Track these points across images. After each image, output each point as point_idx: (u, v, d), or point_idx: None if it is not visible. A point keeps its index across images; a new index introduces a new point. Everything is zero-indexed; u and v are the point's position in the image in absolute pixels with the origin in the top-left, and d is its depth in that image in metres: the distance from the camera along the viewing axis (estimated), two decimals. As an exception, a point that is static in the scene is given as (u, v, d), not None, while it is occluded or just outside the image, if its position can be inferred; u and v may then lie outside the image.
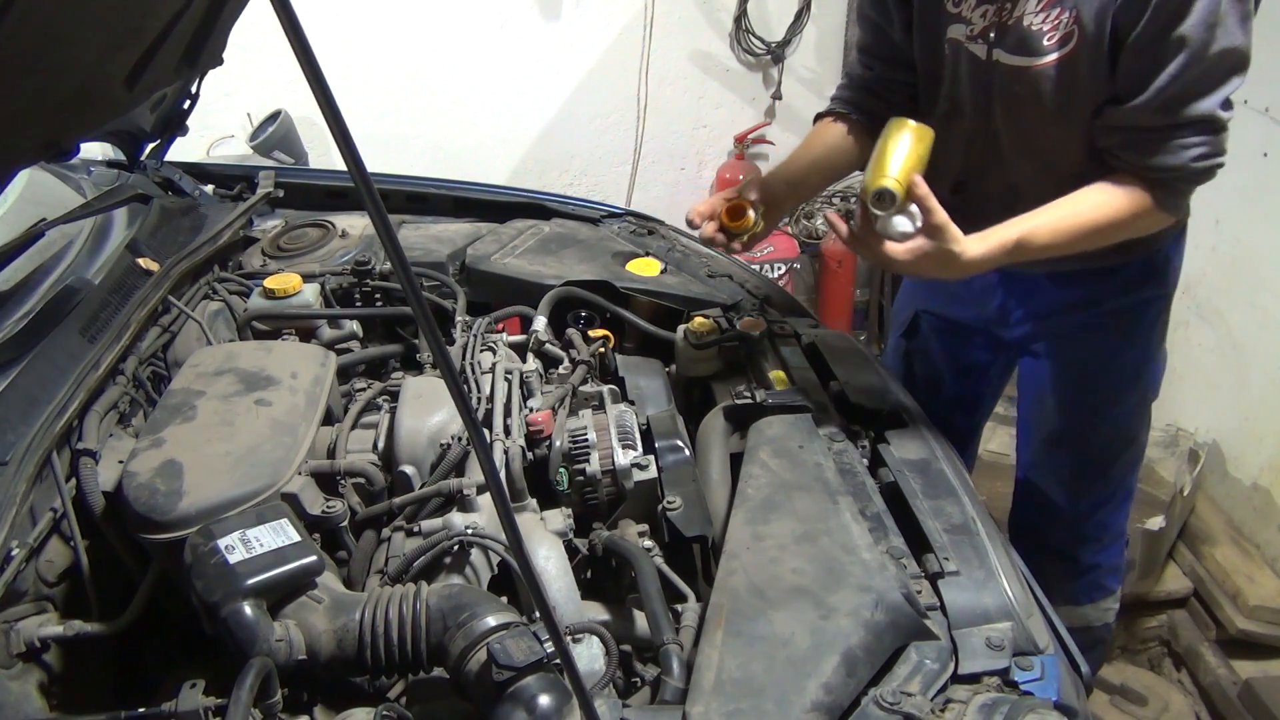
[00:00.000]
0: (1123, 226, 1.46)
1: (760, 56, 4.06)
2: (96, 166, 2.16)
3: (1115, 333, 1.73)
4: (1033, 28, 1.42)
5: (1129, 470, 1.89)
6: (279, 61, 3.27)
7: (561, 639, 0.85)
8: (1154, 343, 1.77)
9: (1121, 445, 1.85)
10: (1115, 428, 1.82)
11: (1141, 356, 1.76)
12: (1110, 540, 1.94)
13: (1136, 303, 1.71)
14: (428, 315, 0.71)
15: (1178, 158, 1.39)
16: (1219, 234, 2.84)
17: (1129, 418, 1.82)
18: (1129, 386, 1.78)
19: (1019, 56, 1.45)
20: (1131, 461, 1.89)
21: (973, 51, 1.52)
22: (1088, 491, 1.88)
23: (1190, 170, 1.40)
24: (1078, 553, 1.93)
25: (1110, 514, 1.91)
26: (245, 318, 1.80)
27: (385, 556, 1.30)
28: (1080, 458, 1.86)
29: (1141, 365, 1.77)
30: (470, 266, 2.05)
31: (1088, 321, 1.73)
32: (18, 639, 1.14)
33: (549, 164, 4.04)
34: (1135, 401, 1.80)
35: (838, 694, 1.00)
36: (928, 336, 2.02)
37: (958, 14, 1.52)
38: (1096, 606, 1.99)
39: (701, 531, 1.33)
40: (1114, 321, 1.72)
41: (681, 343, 1.75)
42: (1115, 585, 2.01)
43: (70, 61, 1.19)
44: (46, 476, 1.26)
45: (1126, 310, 1.71)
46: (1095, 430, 1.82)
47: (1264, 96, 2.60)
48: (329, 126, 0.61)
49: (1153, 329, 1.76)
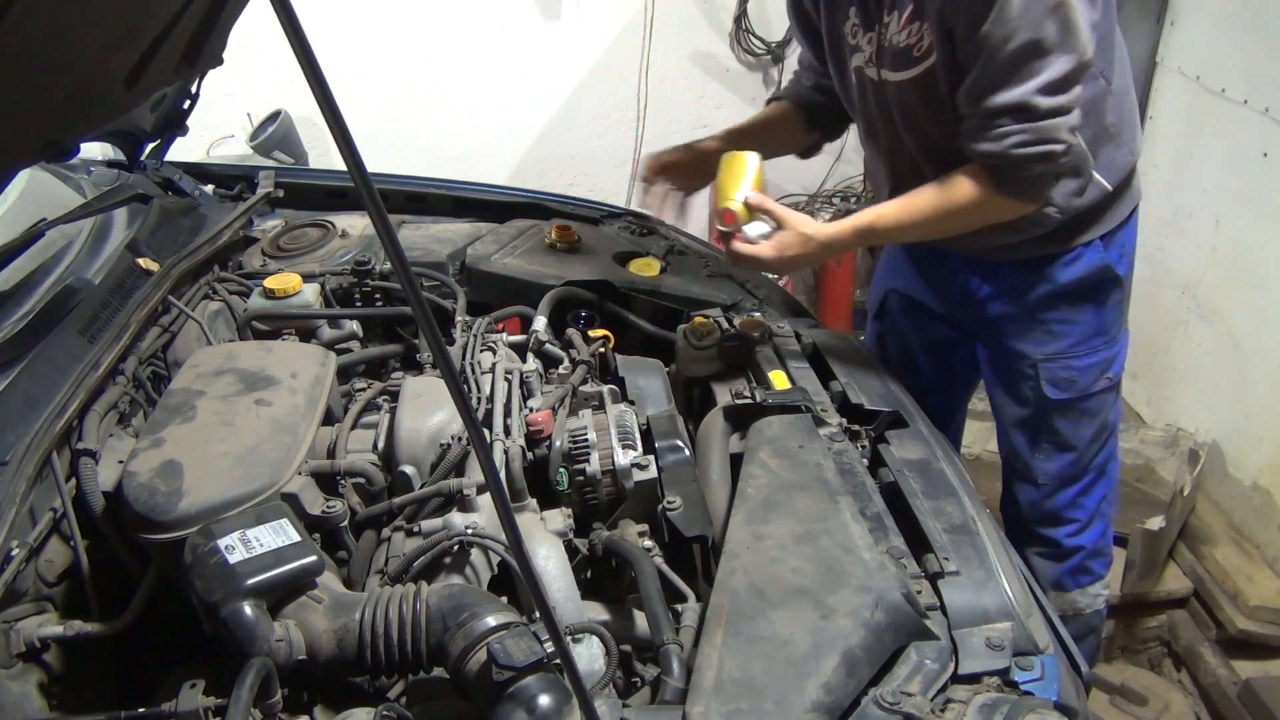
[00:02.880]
0: (969, 210, 1.58)
1: (760, 56, 4.06)
2: (96, 166, 2.15)
3: (1070, 315, 1.79)
4: (901, 44, 1.57)
5: (1100, 451, 1.92)
6: (279, 61, 3.26)
7: (561, 639, 0.86)
8: (1111, 324, 1.82)
9: (1086, 425, 1.88)
10: (1080, 409, 1.86)
11: (1099, 339, 1.81)
12: (1090, 523, 1.96)
13: (1089, 285, 1.77)
14: (428, 315, 0.71)
15: (998, 144, 1.49)
16: (1219, 234, 2.84)
17: (1093, 399, 1.86)
18: (1091, 369, 1.82)
19: (898, 71, 1.60)
20: (1102, 442, 1.91)
21: (869, 74, 1.67)
22: (1058, 473, 1.92)
23: (1012, 156, 1.49)
24: (1056, 536, 1.96)
25: (1085, 496, 1.94)
26: (245, 318, 1.80)
27: (385, 556, 1.30)
28: (1046, 439, 1.90)
29: (1099, 346, 1.81)
30: (470, 266, 2.05)
31: (1042, 304, 1.79)
32: (18, 639, 1.14)
33: (549, 164, 4.03)
34: (1093, 380, 1.83)
35: (838, 694, 1.00)
36: (897, 316, 2.09)
37: (855, 45, 1.68)
38: (1085, 592, 2.02)
39: (701, 531, 1.33)
40: (1068, 305, 1.78)
41: (681, 343, 1.75)
42: (1103, 570, 2.04)
43: (70, 61, 1.19)
44: (46, 476, 1.26)
45: (1080, 293, 1.77)
46: (1060, 413, 1.86)
47: (1264, 96, 2.60)
48: (329, 126, 0.61)
49: (1108, 311, 1.80)
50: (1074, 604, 2.00)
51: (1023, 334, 1.82)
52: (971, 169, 1.57)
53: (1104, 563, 2.03)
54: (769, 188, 1.68)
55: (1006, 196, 1.56)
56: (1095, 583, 2.02)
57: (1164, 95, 3.10)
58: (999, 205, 1.58)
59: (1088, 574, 2.00)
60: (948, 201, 1.58)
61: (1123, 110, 1.68)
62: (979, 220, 1.61)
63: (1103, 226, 1.73)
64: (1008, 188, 1.55)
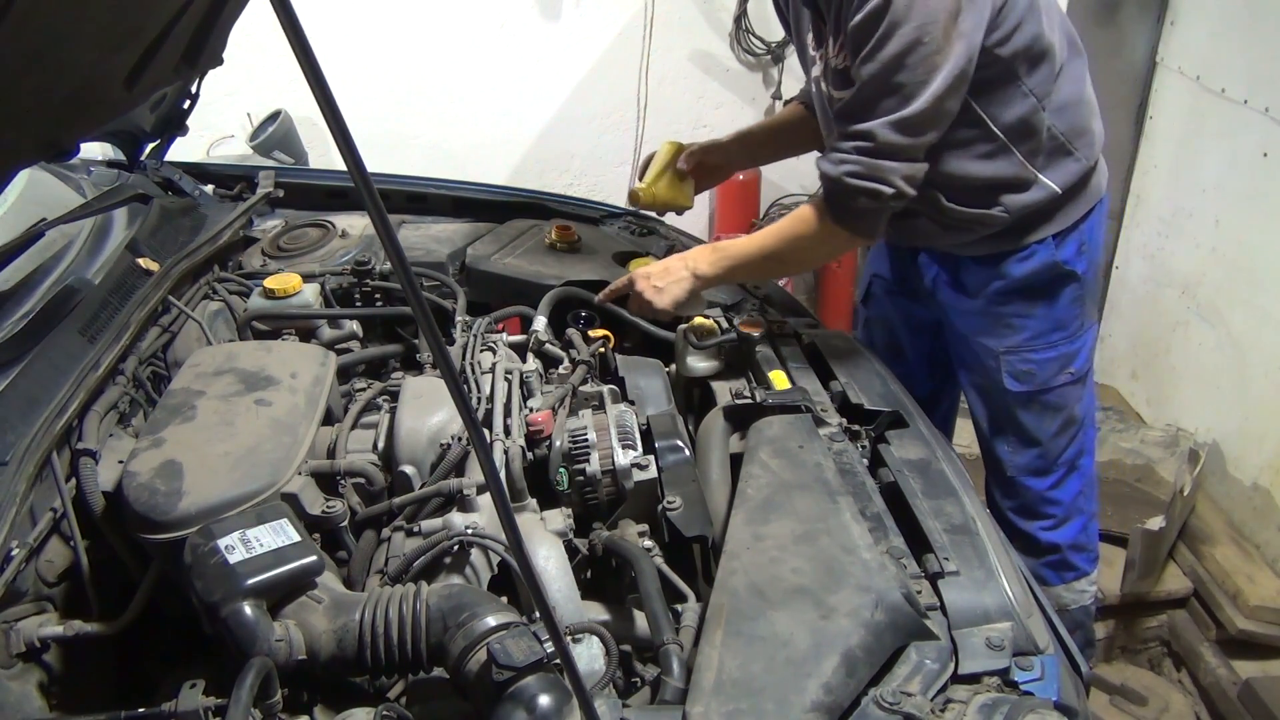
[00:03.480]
0: (804, 236, 1.67)
1: (760, 56, 4.06)
2: (96, 166, 2.16)
3: (1026, 310, 1.82)
4: (838, 66, 1.63)
5: (1069, 446, 1.93)
6: (279, 61, 3.27)
7: (561, 639, 0.86)
8: (1069, 320, 1.84)
9: (1050, 419, 1.89)
10: (1042, 403, 1.88)
11: (1058, 334, 1.83)
12: (1066, 520, 1.98)
13: (1042, 282, 1.80)
14: (428, 315, 0.71)
15: (835, 168, 1.58)
16: (1219, 234, 2.84)
17: (1054, 393, 1.87)
18: (1050, 363, 1.85)
19: (839, 90, 1.65)
20: (1069, 438, 1.93)
21: (822, 87, 1.73)
22: (1025, 466, 1.95)
23: (843, 184, 1.57)
24: (1031, 530, 1.98)
25: (1056, 490, 1.96)
26: (245, 318, 1.80)
27: (385, 556, 1.30)
28: (1011, 432, 1.93)
29: (1058, 341, 1.84)
30: (470, 266, 2.05)
31: (1000, 299, 1.83)
32: (18, 639, 1.14)
33: (549, 164, 4.04)
34: (1053, 374, 1.85)
35: (838, 694, 1.00)
36: (881, 300, 2.14)
37: (813, 57, 1.75)
38: (1070, 588, 2.03)
39: (701, 531, 1.33)
40: (1023, 300, 1.82)
41: (681, 343, 1.75)
42: (1088, 567, 2.05)
43: (70, 61, 1.19)
44: (46, 476, 1.26)
45: (1034, 289, 1.81)
46: (1023, 406, 1.89)
47: (1264, 96, 2.60)
48: (329, 126, 0.61)
49: (1064, 307, 1.82)
50: (1058, 599, 2.02)
51: (985, 327, 1.87)
52: (817, 200, 1.65)
53: (1088, 558, 2.05)
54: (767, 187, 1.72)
55: (838, 224, 1.63)
56: (1080, 579, 2.04)
57: (1164, 95, 3.10)
58: (829, 231, 1.65)
59: (1071, 570, 2.02)
60: (789, 224, 1.68)
61: (1074, 120, 1.72)
62: (817, 246, 1.70)
63: (1054, 226, 1.76)
64: (837, 214, 1.62)
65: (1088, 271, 1.82)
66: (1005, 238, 1.77)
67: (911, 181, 1.57)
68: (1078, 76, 1.72)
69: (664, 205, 2.06)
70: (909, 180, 1.57)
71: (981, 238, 1.77)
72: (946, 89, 1.50)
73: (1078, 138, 1.72)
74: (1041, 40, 1.61)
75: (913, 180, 1.57)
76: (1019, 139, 1.67)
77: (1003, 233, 1.76)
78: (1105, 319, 3.48)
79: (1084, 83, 1.75)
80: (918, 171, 1.57)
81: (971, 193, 1.71)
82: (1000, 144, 1.67)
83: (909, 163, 1.55)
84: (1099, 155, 1.79)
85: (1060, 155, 1.71)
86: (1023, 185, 1.71)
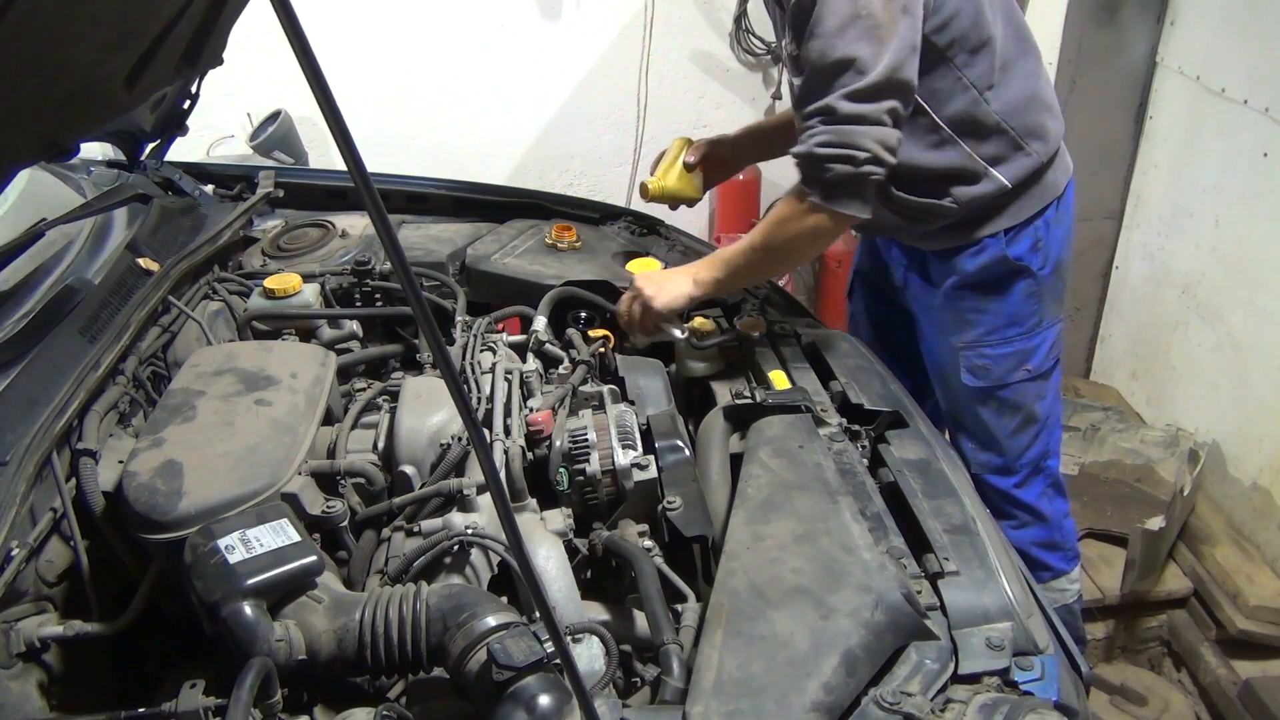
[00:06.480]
0: (789, 220, 1.64)
1: (760, 56, 4.06)
2: (96, 166, 2.15)
3: (979, 305, 1.84)
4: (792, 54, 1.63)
5: (1031, 447, 1.93)
6: (279, 61, 3.27)
7: (561, 639, 0.85)
8: (1025, 316, 1.84)
9: (1008, 417, 1.89)
10: (999, 400, 1.88)
11: (1013, 329, 1.84)
12: (1033, 521, 1.98)
13: (993, 277, 1.81)
14: (428, 315, 0.71)
15: (805, 145, 1.58)
16: (1219, 234, 2.84)
17: (1011, 389, 1.87)
18: (1005, 358, 1.85)
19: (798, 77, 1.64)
20: (1031, 437, 1.92)
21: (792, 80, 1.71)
22: (987, 463, 1.95)
23: (815, 155, 1.55)
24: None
25: (1020, 491, 1.96)
26: (245, 318, 1.80)
27: (385, 556, 1.30)
28: (972, 428, 1.94)
29: (1013, 337, 1.84)
30: (470, 266, 2.05)
31: (957, 293, 1.84)
32: (18, 639, 1.14)
33: (549, 164, 4.03)
34: (1008, 370, 1.85)
35: (838, 694, 1.00)
36: (865, 294, 2.18)
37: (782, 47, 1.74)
38: (1048, 588, 2.04)
39: (701, 531, 1.33)
40: (975, 294, 1.83)
41: (682, 343, 1.75)
42: (1065, 566, 2.05)
43: (70, 61, 1.19)
44: (46, 476, 1.26)
45: (986, 284, 1.82)
46: (981, 402, 1.89)
47: (1264, 96, 2.60)
48: (329, 126, 0.61)
49: (1018, 303, 1.83)
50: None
51: (945, 322, 1.88)
52: (796, 185, 1.64)
53: (1063, 558, 2.05)
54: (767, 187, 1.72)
55: (822, 201, 1.59)
56: (1059, 578, 2.05)
57: (1164, 95, 3.10)
58: (807, 210, 1.61)
59: (1045, 569, 2.03)
60: (775, 215, 1.67)
61: (1026, 117, 1.72)
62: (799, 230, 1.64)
63: (1005, 220, 1.77)
64: (815, 189, 1.59)
65: (1044, 268, 1.82)
66: (958, 231, 1.79)
67: (885, 145, 1.53)
68: (1030, 73, 1.73)
69: (672, 197, 2.07)
70: (882, 144, 1.53)
71: (938, 230, 1.79)
72: (900, 60, 1.50)
73: (1030, 134, 1.73)
74: (981, 31, 1.62)
75: (886, 144, 1.54)
76: (964, 131, 1.68)
77: (956, 226, 1.77)
78: (1105, 319, 3.48)
79: (1037, 79, 1.75)
80: (889, 137, 1.53)
81: (922, 182, 1.72)
82: (946, 135, 1.68)
83: (877, 126, 1.52)
84: (1055, 153, 1.79)
85: (1011, 150, 1.72)
86: (972, 178, 1.72)
